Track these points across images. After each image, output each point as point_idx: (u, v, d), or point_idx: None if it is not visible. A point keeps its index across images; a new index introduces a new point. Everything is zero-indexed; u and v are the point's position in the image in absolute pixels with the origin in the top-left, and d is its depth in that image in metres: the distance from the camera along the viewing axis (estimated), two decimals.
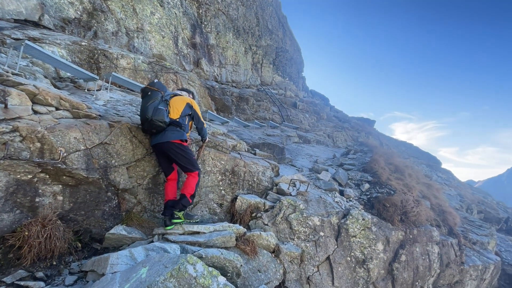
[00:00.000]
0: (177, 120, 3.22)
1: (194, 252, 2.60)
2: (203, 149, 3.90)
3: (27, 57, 4.09)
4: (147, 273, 1.93)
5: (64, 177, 2.71)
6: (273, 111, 14.46)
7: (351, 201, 5.90)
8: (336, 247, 4.71)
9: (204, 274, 1.97)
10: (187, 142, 3.32)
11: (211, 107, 9.41)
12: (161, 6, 9.13)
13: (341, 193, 6.09)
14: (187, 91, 3.74)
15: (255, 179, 4.76)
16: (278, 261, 3.66)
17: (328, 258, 4.54)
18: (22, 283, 2.18)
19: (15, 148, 2.38)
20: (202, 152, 3.94)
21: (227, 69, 13.93)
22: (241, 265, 2.79)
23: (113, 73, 4.64)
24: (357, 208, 5.48)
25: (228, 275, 2.64)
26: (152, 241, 2.94)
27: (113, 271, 2.19)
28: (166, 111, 3.13)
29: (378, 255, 5.13)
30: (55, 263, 2.54)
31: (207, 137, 3.80)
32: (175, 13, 9.98)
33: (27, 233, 2.35)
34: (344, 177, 7.03)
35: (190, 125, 3.62)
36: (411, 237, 5.85)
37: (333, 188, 6.02)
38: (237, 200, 4.23)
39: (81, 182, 2.84)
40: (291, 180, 5.23)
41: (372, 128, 23.20)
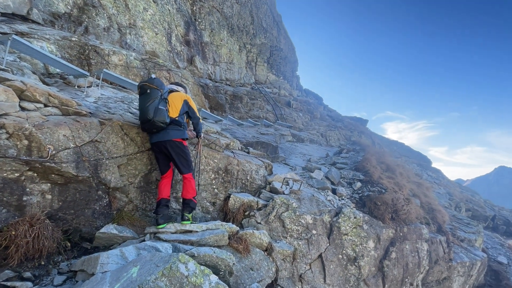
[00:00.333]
0: (177, 119, 3.24)
1: (186, 251, 2.59)
2: (200, 145, 3.86)
3: (14, 52, 3.97)
4: (138, 272, 1.91)
5: (53, 175, 2.65)
6: (267, 110, 14.48)
7: (343, 199, 5.97)
8: (328, 245, 4.76)
9: (196, 273, 1.96)
10: (187, 140, 3.35)
11: (204, 105, 9.36)
12: (154, 2, 9.00)
13: (334, 191, 6.15)
14: (181, 85, 3.72)
15: (248, 178, 4.76)
16: (271, 259, 3.68)
17: (320, 256, 4.59)
18: (8, 283, 2.13)
19: (1, 146, 2.32)
20: (200, 148, 3.90)
21: (221, 67, 13.86)
22: (234, 263, 2.79)
23: (104, 69, 4.56)
24: (349, 206, 5.54)
25: (220, 273, 2.64)
26: (143, 240, 2.91)
27: (103, 271, 2.16)
28: (167, 110, 3.13)
29: (369, 253, 5.21)
30: (43, 263, 2.49)
31: (202, 133, 3.80)
32: (169, 10, 9.86)
33: (14, 232, 2.29)
34: (336, 175, 7.10)
35: (188, 122, 3.64)
36: (401, 234, 5.96)
37: (325, 187, 6.07)
38: (230, 198, 4.23)
39: (70, 181, 2.79)
40: (284, 178, 5.25)
41: (364, 128, 23.48)
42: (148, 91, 3.10)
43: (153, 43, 8.69)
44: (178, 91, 3.51)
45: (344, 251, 4.93)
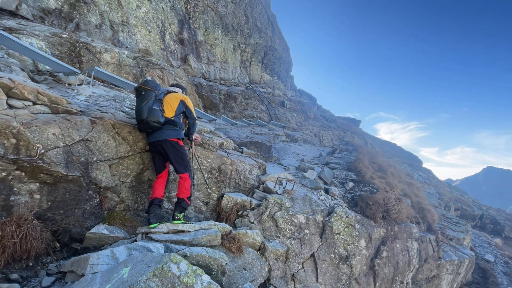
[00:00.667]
0: (172, 119, 3.28)
1: (179, 251, 2.57)
2: (193, 146, 3.87)
3: (2, 48, 3.87)
4: (129, 273, 1.89)
5: (42, 174, 2.60)
6: (261, 110, 14.48)
7: (335, 199, 6.03)
8: (320, 244, 4.80)
9: (188, 273, 1.95)
10: (183, 140, 3.37)
11: (198, 104, 9.30)
12: None
13: (326, 191, 6.21)
14: (180, 87, 3.74)
15: (241, 178, 4.76)
16: (264, 258, 3.69)
17: (312, 255, 4.63)
18: None
19: None
20: (193, 148, 3.90)
21: (215, 66, 13.80)
22: (226, 263, 2.79)
23: (96, 67, 4.48)
24: (341, 206, 5.60)
25: (213, 273, 2.63)
26: (135, 240, 2.88)
27: (93, 272, 2.13)
28: (161, 110, 3.19)
29: (361, 252, 5.28)
30: (31, 264, 2.44)
31: (195, 133, 3.80)
32: (162, 8, 9.76)
33: (0, 233, 2.24)
34: (329, 175, 7.16)
35: (185, 122, 3.65)
36: (392, 233, 6.05)
37: (318, 187, 6.12)
38: (223, 198, 4.22)
39: (60, 180, 2.73)
40: (277, 178, 5.27)
41: (357, 128, 23.73)
42: (143, 92, 3.19)
43: (146, 41, 8.60)
44: (175, 92, 3.55)
45: (336, 250, 4.98)
